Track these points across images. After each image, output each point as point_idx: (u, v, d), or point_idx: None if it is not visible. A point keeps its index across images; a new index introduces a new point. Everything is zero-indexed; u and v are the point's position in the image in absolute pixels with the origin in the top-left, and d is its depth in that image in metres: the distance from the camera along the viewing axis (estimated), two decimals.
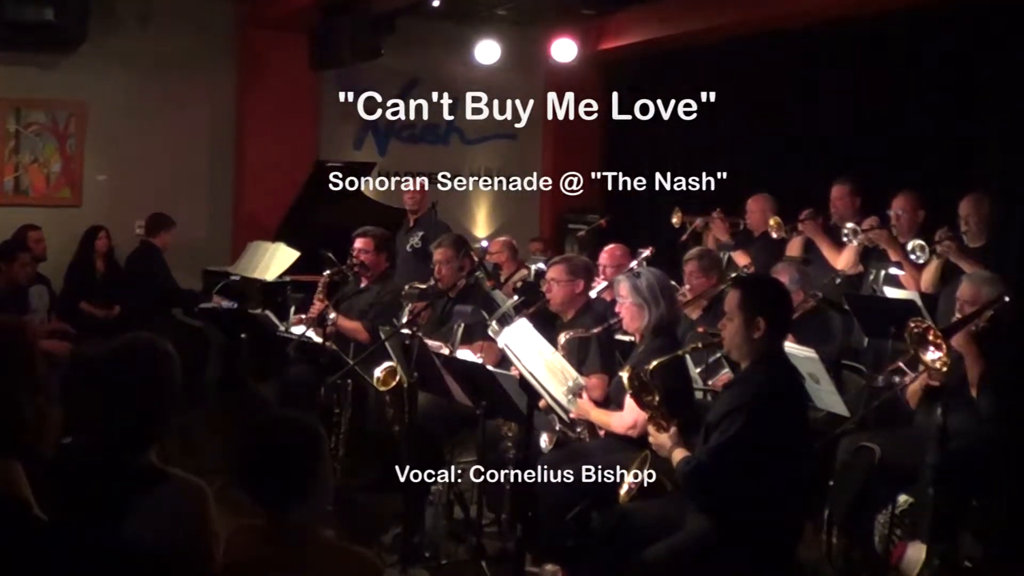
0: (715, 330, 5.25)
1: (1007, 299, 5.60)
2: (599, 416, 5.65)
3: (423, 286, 7.38)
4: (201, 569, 3.10)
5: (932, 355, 5.34)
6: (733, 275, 7.26)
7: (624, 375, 5.03)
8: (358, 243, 7.73)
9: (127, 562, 3.00)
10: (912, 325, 5.42)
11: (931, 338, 5.35)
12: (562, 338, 5.95)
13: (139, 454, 3.18)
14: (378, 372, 6.48)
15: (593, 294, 6.78)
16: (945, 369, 5.39)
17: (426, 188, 9.68)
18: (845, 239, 7.42)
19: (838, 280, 7.36)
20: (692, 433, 4.69)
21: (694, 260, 7.22)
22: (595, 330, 5.99)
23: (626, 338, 6.22)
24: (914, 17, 8.70)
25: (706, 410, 4.99)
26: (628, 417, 5.42)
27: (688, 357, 5.78)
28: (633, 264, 7.57)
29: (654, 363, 5.03)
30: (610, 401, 5.79)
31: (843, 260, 7.61)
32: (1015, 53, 7.85)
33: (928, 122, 8.75)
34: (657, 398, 4.92)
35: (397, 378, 6.28)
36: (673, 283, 6.23)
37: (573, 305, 6.29)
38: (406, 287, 7.59)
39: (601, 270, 7.50)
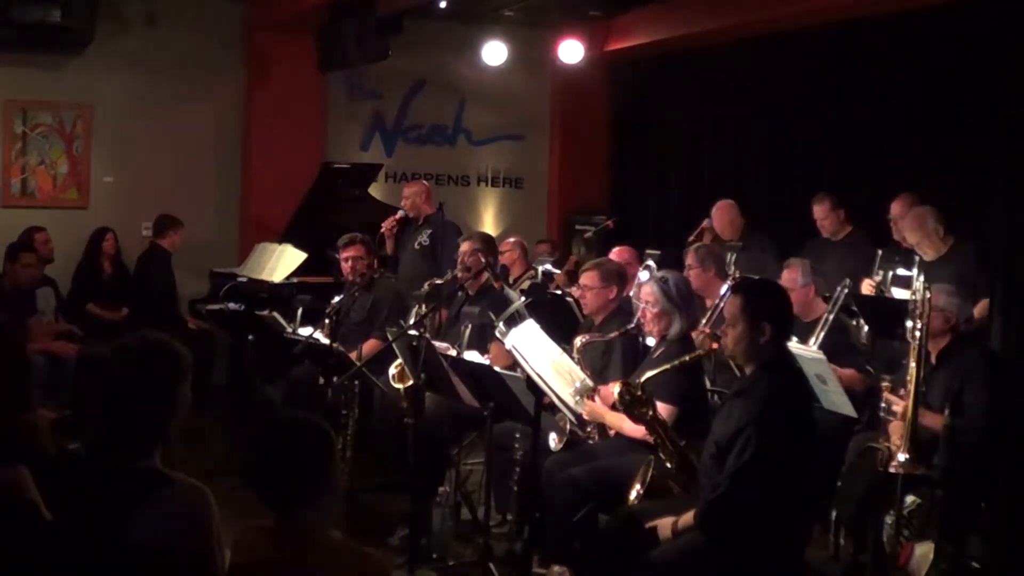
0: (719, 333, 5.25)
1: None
2: (614, 419, 5.61)
3: (440, 281, 7.37)
4: (204, 572, 3.10)
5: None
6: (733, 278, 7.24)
7: (615, 389, 5.04)
8: (351, 251, 7.68)
9: (130, 564, 3.01)
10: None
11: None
12: (578, 341, 5.93)
13: (143, 457, 3.18)
14: (393, 369, 6.48)
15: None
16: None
17: (419, 193, 9.43)
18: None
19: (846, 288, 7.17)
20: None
21: (691, 252, 7.35)
22: (612, 334, 5.95)
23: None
24: (918, 18, 8.69)
25: (714, 412, 4.99)
26: None
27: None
28: (650, 265, 7.55)
29: (645, 376, 5.05)
30: None
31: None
32: (1018, 54, 7.85)
33: (933, 123, 8.75)
34: (651, 412, 4.93)
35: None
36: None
37: (605, 310, 6.26)
38: (425, 285, 7.59)
39: (628, 277, 7.48)
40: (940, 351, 5.72)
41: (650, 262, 7.66)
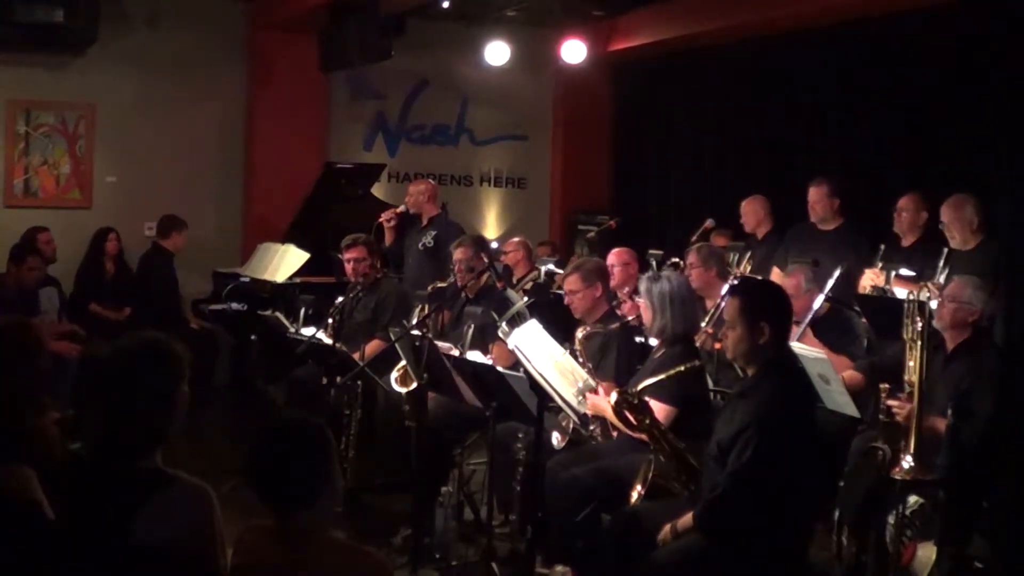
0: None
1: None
2: (614, 416, 5.63)
3: (443, 284, 7.36)
4: (206, 572, 3.11)
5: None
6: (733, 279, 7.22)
7: (613, 398, 5.04)
8: (354, 253, 7.66)
9: (132, 564, 3.01)
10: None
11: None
12: (579, 333, 5.94)
13: (145, 457, 3.18)
14: (395, 374, 6.47)
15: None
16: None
17: (423, 191, 9.47)
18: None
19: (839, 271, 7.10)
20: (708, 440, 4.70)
21: (694, 251, 7.30)
22: (612, 326, 5.96)
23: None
24: (918, 18, 8.69)
25: (717, 413, 4.99)
26: None
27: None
28: (653, 264, 7.56)
29: (640, 386, 5.05)
30: None
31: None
32: (1018, 54, 7.84)
33: (933, 123, 8.74)
34: (648, 420, 4.93)
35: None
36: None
37: (598, 308, 6.25)
38: (429, 288, 7.55)
39: (608, 269, 7.49)
40: (957, 344, 5.69)
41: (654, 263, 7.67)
